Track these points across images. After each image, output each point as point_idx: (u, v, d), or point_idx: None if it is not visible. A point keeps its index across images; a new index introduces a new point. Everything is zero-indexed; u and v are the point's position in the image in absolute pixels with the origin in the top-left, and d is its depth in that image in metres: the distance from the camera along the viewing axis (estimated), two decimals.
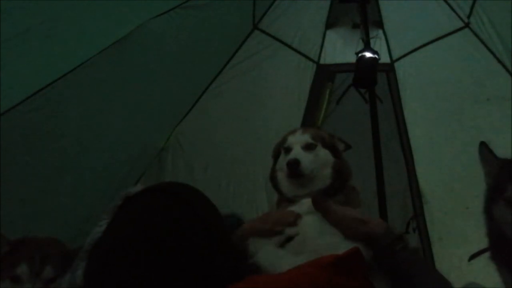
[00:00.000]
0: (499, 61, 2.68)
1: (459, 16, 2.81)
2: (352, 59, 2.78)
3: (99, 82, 2.37)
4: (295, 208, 1.35)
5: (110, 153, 2.59)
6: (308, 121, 3.00)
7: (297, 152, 1.60)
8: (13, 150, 2.11)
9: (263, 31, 3.00)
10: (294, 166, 1.57)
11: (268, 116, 3.06)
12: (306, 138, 1.65)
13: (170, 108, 2.91)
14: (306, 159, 1.58)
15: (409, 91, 3.02)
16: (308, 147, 1.63)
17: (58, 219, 2.34)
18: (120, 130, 2.60)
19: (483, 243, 1.30)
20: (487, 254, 1.22)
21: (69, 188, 2.41)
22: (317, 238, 1.15)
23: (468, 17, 2.76)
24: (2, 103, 1.97)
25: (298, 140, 1.65)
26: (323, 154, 1.62)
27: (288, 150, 1.65)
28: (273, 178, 1.70)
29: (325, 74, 3.11)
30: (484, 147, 1.24)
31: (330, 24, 3.11)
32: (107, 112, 2.49)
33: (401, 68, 3.04)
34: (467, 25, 2.79)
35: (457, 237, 2.76)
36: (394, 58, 3.06)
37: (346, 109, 3.12)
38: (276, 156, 1.73)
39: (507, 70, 2.66)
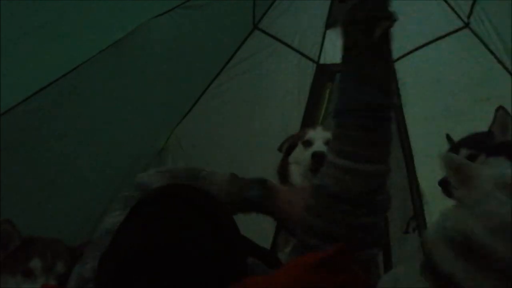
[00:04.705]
0: (499, 61, 2.68)
1: (459, 16, 2.81)
2: None
3: (99, 82, 2.37)
4: None
5: (110, 153, 2.59)
6: (308, 121, 3.00)
7: (320, 146, 1.57)
8: (13, 150, 2.11)
9: (263, 31, 3.00)
10: (320, 159, 1.53)
11: (268, 116, 3.06)
12: (327, 134, 1.63)
13: (170, 108, 2.91)
14: None
15: (409, 91, 3.02)
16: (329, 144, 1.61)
17: (59, 219, 2.35)
18: (120, 130, 2.60)
19: None
20: None
21: (69, 188, 2.41)
22: None
23: (468, 17, 2.76)
24: (2, 103, 1.97)
25: (319, 135, 1.63)
26: None
27: (308, 143, 1.62)
28: (282, 171, 1.66)
29: (325, 74, 3.10)
30: None
31: (330, 24, 3.11)
32: (107, 112, 2.49)
33: (401, 68, 3.04)
34: (467, 25, 2.79)
35: None
36: (394, 58, 3.05)
37: None
38: (288, 150, 1.70)
39: (507, 70, 2.66)
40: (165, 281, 0.77)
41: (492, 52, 2.70)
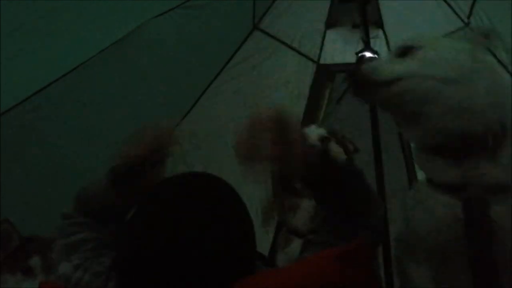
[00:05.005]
0: (499, 61, 2.67)
1: (459, 16, 2.81)
2: (352, 59, 2.78)
3: (99, 82, 2.37)
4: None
5: (110, 153, 2.58)
6: (308, 121, 3.00)
7: (313, 141, 1.60)
8: (13, 150, 2.11)
9: (263, 31, 3.00)
10: None
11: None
12: (321, 131, 1.66)
13: (170, 108, 2.90)
14: None
15: None
16: (323, 140, 1.63)
17: (58, 219, 2.34)
18: (120, 130, 2.59)
19: None
20: None
21: (69, 189, 2.40)
22: None
23: (468, 17, 2.76)
24: (2, 103, 1.97)
25: (313, 131, 1.66)
26: (336, 149, 1.63)
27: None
28: None
29: (325, 73, 3.11)
30: None
31: (330, 24, 3.11)
32: (106, 112, 2.49)
33: None
34: (467, 25, 2.79)
35: None
36: None
37: (346, 109, 3.11)
38: None
39: (507, 70, 2.66)
40: (165, 281, 0.77)
41: (492, 52, 2.69)
